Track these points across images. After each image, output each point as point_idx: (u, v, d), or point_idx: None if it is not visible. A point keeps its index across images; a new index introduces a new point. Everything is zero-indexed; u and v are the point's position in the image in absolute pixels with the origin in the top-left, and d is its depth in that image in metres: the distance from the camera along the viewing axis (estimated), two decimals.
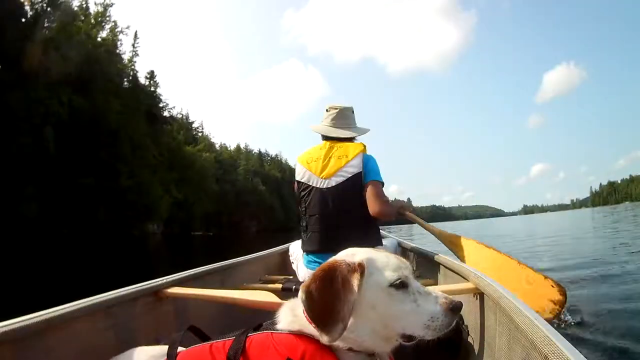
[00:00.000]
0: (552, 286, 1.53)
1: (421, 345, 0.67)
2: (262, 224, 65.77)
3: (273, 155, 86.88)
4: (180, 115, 57.45)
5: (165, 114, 47.75)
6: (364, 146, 1.87)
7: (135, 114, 39.11)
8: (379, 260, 0.71)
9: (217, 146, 67.17)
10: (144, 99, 42.65)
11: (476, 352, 1.22)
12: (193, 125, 59.96)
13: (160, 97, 47.17)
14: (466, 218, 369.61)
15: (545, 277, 1.57)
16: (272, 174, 77.22)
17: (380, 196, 1.78)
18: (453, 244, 1.99)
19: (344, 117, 1.96)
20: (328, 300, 0.64)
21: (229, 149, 73.58)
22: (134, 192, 35.40)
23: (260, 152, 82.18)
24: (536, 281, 1.57)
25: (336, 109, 1.97)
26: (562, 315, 1.68)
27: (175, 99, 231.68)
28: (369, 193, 1.77)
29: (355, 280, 0.66)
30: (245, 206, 61.15)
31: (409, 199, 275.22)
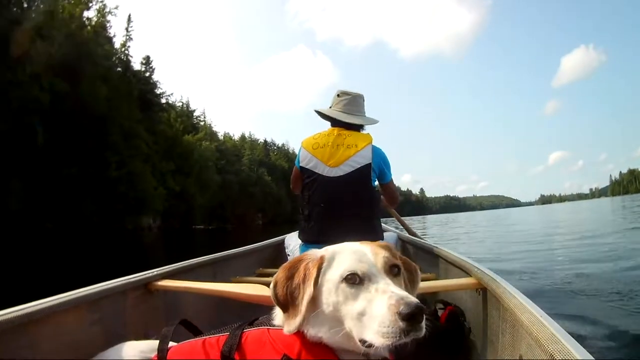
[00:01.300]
0: None
1: (422, 342, 0.59)
2: (269, 217, 62.94)
3: (280, 145, 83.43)
4: (181, 104, 54.72)
5: (162, 101, 44.95)
6: (371, 138, 1.82)
7: (126, 100, 36.45)
8: (342, 254, 0.66)
9: (220, 135, 64.30)
10: (136, 85, 39.86)
11: (479, 350, 1.20)
12: (194, 114, 57.14)
13: (157, 83, 44.38)
14: (481, 208, 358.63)
15: None
16: (279, 164, 73.73)
17: (397, 194, 2.13)
18: None
19: (356, 104, 1.93)
20: (289, 291, 0.64)
21: (232, 138, 70.47)
22: (125, 183, 32.80)
23: (266, 141, 78.45)
24: None
25: (349, 94, 1.92)
26: None
27: (176, 86, 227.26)
28: (392, 192, 2.05)
29: (313, 273, 0.64)
30: (250, 198, 58.23)
31: (422, 189, 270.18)
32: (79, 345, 1.00)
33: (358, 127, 1.89)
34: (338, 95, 1.94)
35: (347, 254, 0.65)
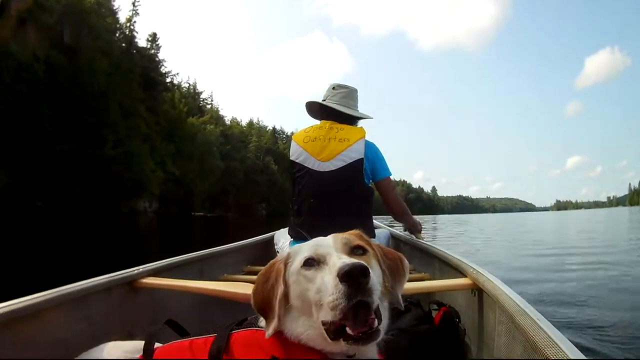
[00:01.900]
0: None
1: (416, 345, 0.68)
2: (273, 207, 61.14)
3: (289, 133, 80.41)
4: (187, 85, 53.08)
5: (167, 80, 43.27)
6: (365, 132, 1.77)
7: (127, 77, 34.88)
8: (304, 245, 0.66)
9: (226, 120, 62.46)
10: (140, 62, 38.20)
11: (473, 353, 1.19)
12: (201, 97, 55.38)
13: (162, 62, 42.69)
14: (494, 211, 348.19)
15: None
16: (287, 153, 69.61)
17: (396, 192, 1.87)
18: None
19: (353, 97, 1.89)
20: (265, 295, 0.64)
21: (240, 124, 68.57)
22: (120, 163, 31.32)
23: (274, 128, 76.43)
24: None
25: (346, 88, 1.89)
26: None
27: (183, 67, 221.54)
28: (387, 191, 1.83)
29: (282, 270, 0.64)
30: (254, 186, 56.54)
31: (434, 187, 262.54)
32: (62, 345, 0.97)
33: (352, 122, 1.84)
34: (334, 88, 1.89)
35: (309, 244, 0.65)
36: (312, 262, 0.61)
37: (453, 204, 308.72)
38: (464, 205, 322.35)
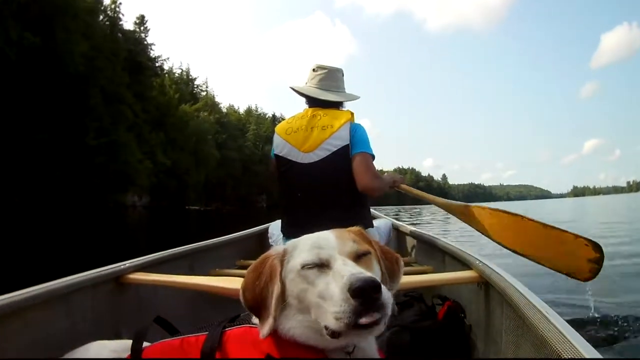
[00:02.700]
0: (586, 244, 1.38)
1: (418, 341, 0.68)
2: (274, 199, 58.47)
3: None
4: (180, 70, 50.54)
5: (157, 65, 40.88)
6: (352, 114, 1.69)
7: (111, 60, 32.56)
8: (303, 242, 0.64)
9: (223, 108, 59.50)
10: (125, 45, 35.81)
11: (480, 350, 1.16)
12: (195, 83, 52.79)
13: (151, 46, 40.27)
14: (508, 199, 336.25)
15: (577, 236, 1.40)
16: None
17: (370, 169, 1.65)
18: (465, 215, 1.77)
19: (333, 78, 1.78)
20: (258, 293, 0.61)
21: (237, 111, 65.63)
22: (104, 153, 29.21)
23: (274, 116, 71.75)
24: (569, 241, 1.42)
25: (325, 69, 1.78)
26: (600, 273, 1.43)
27: (176, 51, 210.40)
28: (357, 166, 1.63)
29: (278, 268, 0.62)
30: (253, 177, 54.09)
31: (444, 175, 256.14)
32: (45, 344, 0.94)
33: (337, 105, 1.74)
34: (314, 70, 1.79)
35: (308, 242, 0.63)
36: (314, 265, 0.58)
37: (465, 192, 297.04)
38: (476, 194, 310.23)
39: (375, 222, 1.88)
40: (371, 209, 2.05)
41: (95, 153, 28.61)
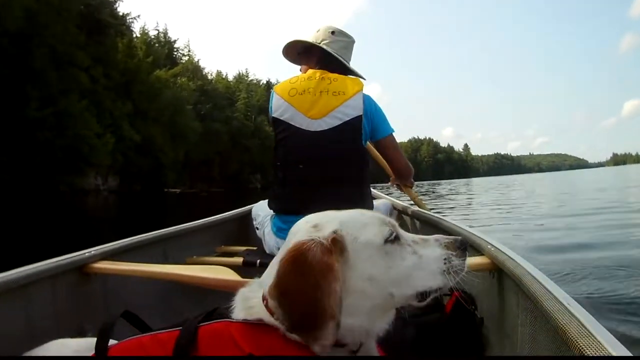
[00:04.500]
0: None
1: (424, 336, 0.64)
2: (269, 178, 53.69)
3: None
4: (157, 32, 44.76)
5: (124, 24, 35.36)
6: (362, 84, 1.55)
7: (61, 16, 27.34)
8: (355, 219, 0.59)
9: (209, 75, 53.65)
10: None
11: (493, 345, 1.08)
12: (175, 45, 47.03)
13: (116, 1, 34.56)
14: (539, 170, 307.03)
15: None
16: None
17: (400, 150, 1.71)
18: None
19: (350, 51, 1.66)
20: (307, 300, 0.50)
21: (225, 78, 59.25)
22: (50, 127, 24.77)
23: (269, 82, 63.99)
24: None
25: (348, 38, 1.63)
26: None
27: (154, 9, 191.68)
28: (395, 148, 1.66)
29: (335, 262, 0.52)
30: (244, 153, 49.21)
31: (466, 145, 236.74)
32: (1, 341, 0.89)
33: (344, 72, 1.59)
34: (333, 33, 1.62)
35: (361, 219, 0.60)
36: (395, 238, 0.59)
37: (489, 164, 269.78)
38: (502, 165, 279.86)
39: (374, 202, 1.80)
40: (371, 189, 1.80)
41: (37, 126, 24.19)
